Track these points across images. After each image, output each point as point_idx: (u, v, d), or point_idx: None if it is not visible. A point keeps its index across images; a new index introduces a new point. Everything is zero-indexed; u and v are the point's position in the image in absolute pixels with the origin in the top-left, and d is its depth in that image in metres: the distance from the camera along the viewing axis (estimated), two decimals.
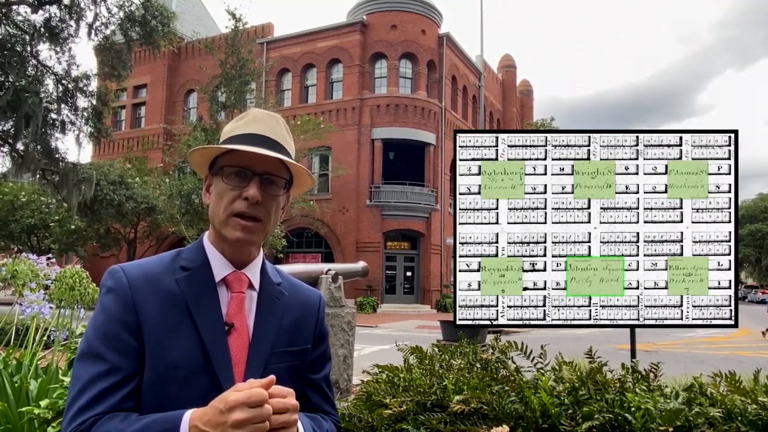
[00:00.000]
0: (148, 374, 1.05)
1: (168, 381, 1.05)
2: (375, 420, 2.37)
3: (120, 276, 1.10)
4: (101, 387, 1.01)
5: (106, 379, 1.02)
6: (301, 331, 1.24)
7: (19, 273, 3.58)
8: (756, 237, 52.28)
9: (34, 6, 15.90)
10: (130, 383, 1.04)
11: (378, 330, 17.35)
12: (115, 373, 1.03)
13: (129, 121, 34.61)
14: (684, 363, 9.71)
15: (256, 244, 1.19)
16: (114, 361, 1.03)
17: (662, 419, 2.06)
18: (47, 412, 2.33)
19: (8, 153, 17.74)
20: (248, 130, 1.17)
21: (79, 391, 1.01)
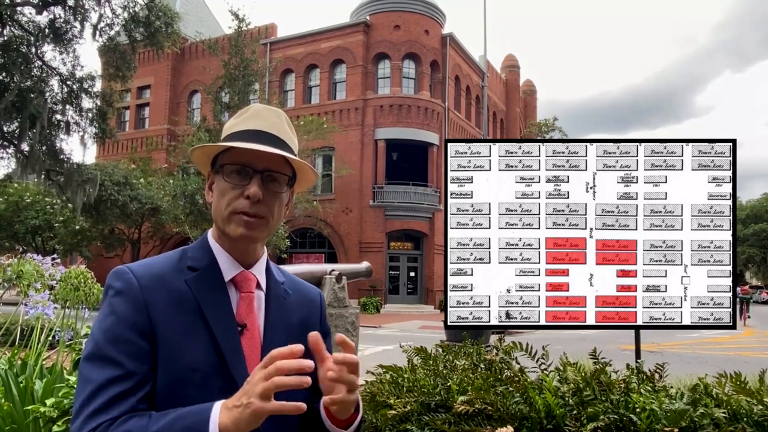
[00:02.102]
0: (163, 377, 1.03)
1: (185, 384, 1.04)
2: (379, 420, 2.37)
3: (129, 277, 1.08)
4: (115, 391, 0.98)
5: (120, 384, 0.99)
6: (308, 330, 1.24)
7: (24, 273, 3.59)
8: (761, 237, 52.01)
9: (38, 7, 15.95)
10: (144, 387, 1.02)
11: (381, 330, 17.34)
12: (129, 377, 1.00)
13: (133, 122, 34.71)
14: (689, 364, 9.67)
15: (260, 240, 1.17)
16: (127, 366, 1.01)
17: (667, 420, 2.05)
18: (52, 411, 2.33)
19: (13, 154, 17.82)
20: (248, 126, 1.16)
21: (91, 394, 0.98)
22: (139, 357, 1.02)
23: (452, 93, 30.27)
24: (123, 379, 1.00)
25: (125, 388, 0.99)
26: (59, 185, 18.41)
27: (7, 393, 2.64)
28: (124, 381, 1.00)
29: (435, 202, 27.71)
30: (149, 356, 1.03)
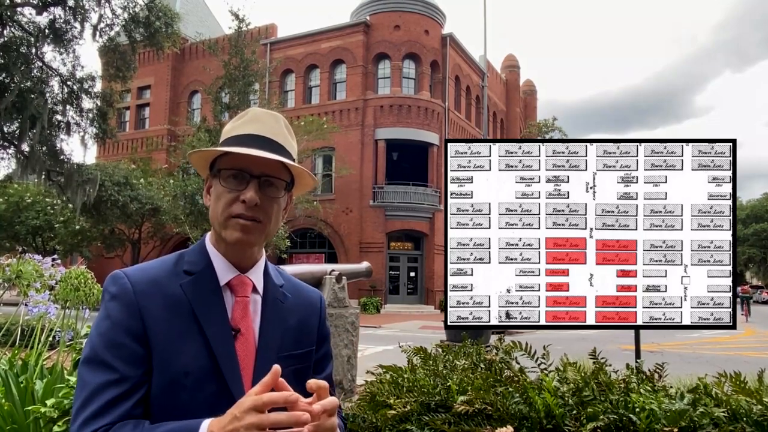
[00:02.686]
0: (157, 381, 1.04)
1: (178, 388, 1.04)
2: (379, 420, 2.38)
3: (124, 282, 1.08)
4: (110, 396, 0.99)
5: (115, 388, 1.00)
6: (305, 334, 1.23)
7: (24, 274, 3.60)
8: (761, 237, 51.96)
9: (38, 8, 15.96)
10: (139, 391, 1.02)
11: (381, 330, 17.34)
12: (124, 382, 1.01)
13: (133, 122, 34.71)
14: (689, 363, 9.67)
15: (256, 245, 1.17)
16: (121, 370, 1.02)
17: (667, 420, 2.05)
18: (53, 411, 2.34)
19: (13, 154, 17.82)
20: (247, 130, 1.15)
21: (86, 399, 1.00)
22: (133, 361, 1.03)
23: (452, 93, 30.26)
24: (117, 384, 1.01)
25: (119, 392, 1.00)
26: (59, 185, 18.42)
27: (7, 393, 2.65)
28: (118, 385, 1.01)
29: (435, 202, 27.70)
30: (143, 360, 1.04)
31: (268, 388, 0.92)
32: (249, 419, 0.88)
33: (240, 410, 0.89)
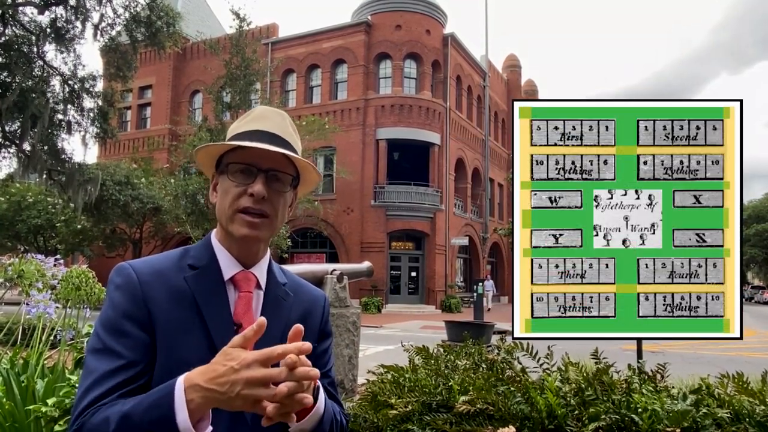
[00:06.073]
0: (158, 370, 1.05)
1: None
2: (380, 420, 2.37)
3: (129, 272, 1.10)
4: (115, 381, 1.01)
5: (120, 374, 1.02)
6: (306, 332, 1.24)
7: (25, 273, 3.60)
8: (763, 237, 51.87)
9: (40, 7, 15.97)
10: (143, 378, 1.04)
11: (383, 330, 17.34)
12: (130, 368, 1.03)
13: (134, 121, 34.72)
14: (691, 364, 9.66)
15: (264, 240, 1.18)
16: (128, 357, 1.03)
17: (669, 420, 2.05)
18: (54, 411, 2.34)
19: (15, 153, 17.84)
20: (254, 126, 1.17)
21: (92, 384, 1.01)
22: (137, 348, 1.04)
23: (453, 93, 30.24)
24: (123, 369, 1.02)
25: (125, 377, 1.02)
26: (61, 185, 18.42)
27: (8, 392, 2.65)
28: (124, 371, 1.02)
29: (436, 202, 27.69)
30: (148, 348, 1.05)
31: (250, 343, 0.91)
32: (252, 373, 0.87)
33: (241, 363, 0.87)
